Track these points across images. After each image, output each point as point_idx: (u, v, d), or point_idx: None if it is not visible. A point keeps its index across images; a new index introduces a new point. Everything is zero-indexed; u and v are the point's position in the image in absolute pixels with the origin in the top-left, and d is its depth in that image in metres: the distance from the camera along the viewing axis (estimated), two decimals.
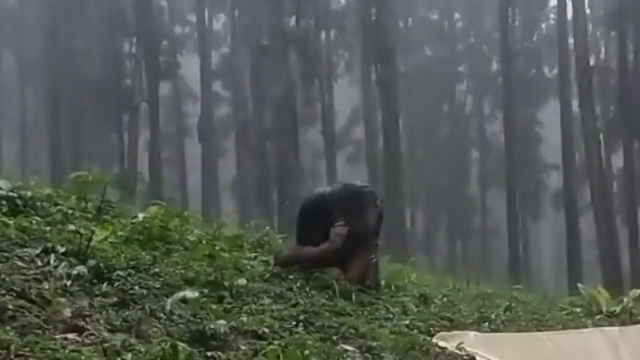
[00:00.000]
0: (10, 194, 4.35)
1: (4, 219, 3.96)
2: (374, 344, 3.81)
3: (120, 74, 36.68)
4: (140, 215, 4.92)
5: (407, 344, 3.98)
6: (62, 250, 3.66)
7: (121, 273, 3.58)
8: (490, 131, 47.83)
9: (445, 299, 6.00)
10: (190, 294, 3.48)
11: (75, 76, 36.41)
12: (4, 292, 2.97)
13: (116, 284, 3.47)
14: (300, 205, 6.03)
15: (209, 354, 2.97)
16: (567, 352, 4.65)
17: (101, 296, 3.31)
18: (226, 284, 4.07)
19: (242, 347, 3.21)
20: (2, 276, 3.11)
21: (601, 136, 30.10)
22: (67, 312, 3.02)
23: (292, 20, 35.21)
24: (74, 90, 36.98)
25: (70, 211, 4.63)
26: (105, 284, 3.42)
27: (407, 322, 4.57)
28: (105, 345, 2.79)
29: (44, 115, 41.43)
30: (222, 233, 5.97)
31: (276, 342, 3.32)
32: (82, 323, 2.96)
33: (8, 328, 2.72)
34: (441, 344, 4.23)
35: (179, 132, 46.78)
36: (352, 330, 3.93)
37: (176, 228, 5.06)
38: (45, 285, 3.19)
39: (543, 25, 46.70)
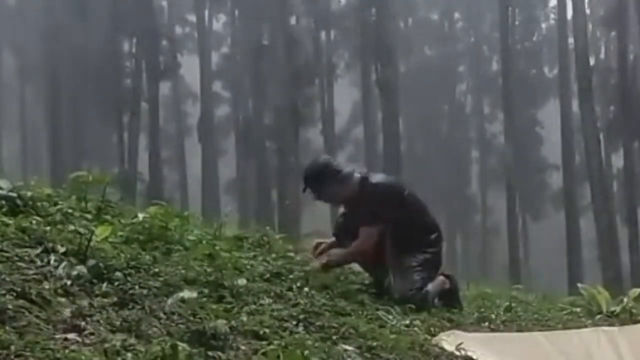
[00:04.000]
0: (10, 193, 4.33)
1: (4, 219, 3.95)
2: (374, 344, 3.81)
3: (120, 74, 36.67)
4: (140, 215, 4.90)
5: (407, 344, 3.98)
6: (62, 250, 3.65)
7: (121, 273, 3.58)
8: (490, 131, 47.86)
9: None
10: (190, 293, 3.47)
11: (75, 76, 36.42)
12: (4, 292, 2.97)
13: (116, 283, 3.46)
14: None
15: (209, 353, 2.97)
16: (567, 352, 4.65)
17: (101, 296, 3.30)
18: (226, 283, 4.06)
19: (242, 347, 3.21)
20: (2, 276, 3.11)
21: (601, 136, 30.09)
22: (67, 312, 3.02)
23: (292, 20, 35.21)
24: (74, 90, 36.99)
25: (70, 211, 4.61)
26: (105, 284, 3.41)
27: (407, 322, 4.57)
28: (105, 345, 2.78)
29: (44, 115, 41.46)
30: (222, 233, 5.96)
31: (276, 342, 3.31)
32: (82, 323, 2.95)
33: (8, 328, 2.72)
34: (441, 344, 4.23)
35: (179, 132, 46.84)
36: (352, 330, 3.92)
37: (176, 228, 5.04)
38: (45, 285, 3.19)
39: (543, 25, 46.82)
